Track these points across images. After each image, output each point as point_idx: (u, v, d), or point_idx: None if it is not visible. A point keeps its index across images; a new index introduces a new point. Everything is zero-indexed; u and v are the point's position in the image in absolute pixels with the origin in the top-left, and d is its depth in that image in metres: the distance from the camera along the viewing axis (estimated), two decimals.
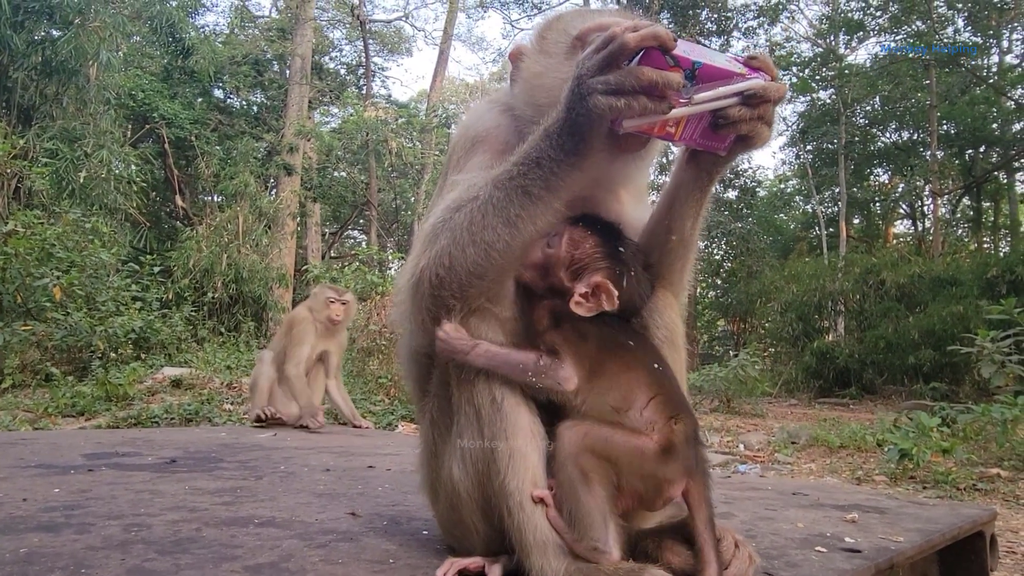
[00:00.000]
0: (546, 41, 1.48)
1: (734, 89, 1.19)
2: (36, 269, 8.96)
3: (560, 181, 1.20)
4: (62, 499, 2.01)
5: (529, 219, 1.23)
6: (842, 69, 21.90)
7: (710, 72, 1.16)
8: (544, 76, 1.42)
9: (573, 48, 1.41)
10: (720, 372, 11.14)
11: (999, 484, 4.98)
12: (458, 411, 1.34)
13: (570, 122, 1.16)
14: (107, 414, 7.00)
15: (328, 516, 1.87)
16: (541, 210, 1.23)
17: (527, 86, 1.47)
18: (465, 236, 1.25)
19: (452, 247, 1.26)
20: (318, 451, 3.35)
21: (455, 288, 1.28)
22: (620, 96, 1.10)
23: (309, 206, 19.67)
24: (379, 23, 28.17)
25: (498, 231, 1.23)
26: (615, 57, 1.11)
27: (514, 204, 1.22)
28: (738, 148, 1.30)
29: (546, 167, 1.19)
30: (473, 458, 1.32)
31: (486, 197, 1.25)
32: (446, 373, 1.37)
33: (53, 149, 11.90)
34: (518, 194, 1.22)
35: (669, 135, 1.20)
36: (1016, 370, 7.10)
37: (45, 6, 12.13)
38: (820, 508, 2.10)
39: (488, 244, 1.24)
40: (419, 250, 1.34)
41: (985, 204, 24.81)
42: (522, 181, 1.22)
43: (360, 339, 9.72)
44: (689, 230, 1.44)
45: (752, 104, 1.21)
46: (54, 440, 3.63)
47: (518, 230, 1.24)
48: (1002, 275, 13.62)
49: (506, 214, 1.23)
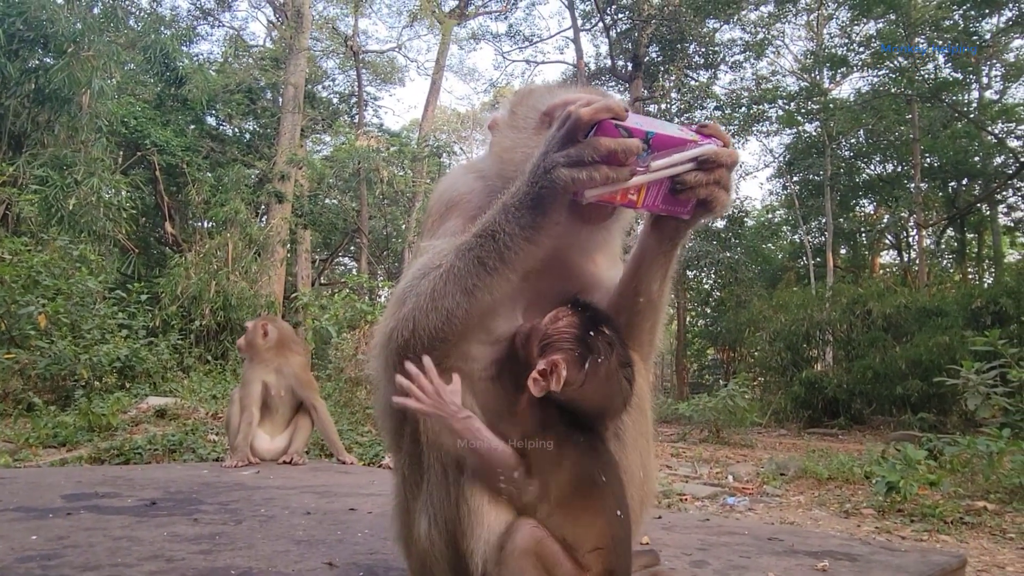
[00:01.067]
0: (516, 116, 1.54)
1: (688, 155, 1.24)
2: (21, 296, 8.89)
3: (513, 255, 1.24)
4: (39, 547, 1.99)
5: (486, 289, 1.27)
6: (827, 103, 22.34)
7: (663, 140, 1.22)
8: (513, 150, 1.47)
9: (541, 123, 1.46)
10: (710, 402, 11.14)
11: (985, 517, 4.99)
12: (428, 469, 1.35)
13: (532, 195, 1.21)
14: (89, 445, 6.89)
15: (305, 566, 1.86)
16: (497, 281, 1.27)
17: (497, 159, 1.52)
18: (427, 303, 1.30)
19: (416, 312, 1.31)
20: (300, 491, 3.32)
21: (419, 350, 1.31)
22: (582, 168, 1.15)
23: (300, 233, 19.70)
24: (372, 53, 28.56)
25: (457, 299, 1.28)
26: (573, 132, 1.17)
27: (472, 275, 1.27)
28: (699, 213, 1.34)
29: (500, 240, 1.24)
30: (443, 517, 1.33)
31: (448, 266, 1.30)
32: (416, 432, 1.38)
33: (43, 176, 11.88)
34: (475, 265, 1.26)
35: (631, 203, 1.25)
36: (1001, 402, 7.15)
37: (40, 35, 12.21)
38: (793, 555, 2.11)
39: (448, 311, 1.28)
40: (389, 312, 1.40)
41: (969, 235, 25.18)
42: (479, 252, 1.26)
43: (348, 369, 9.67)
44: (656, 292, 1.47)
45: (707, 169, 1.26)
46: (34, 479, 3.58)
47: (476, 299, 1.28)
48: (986, 306, 13.78)
49: (464, 283, 1.27)
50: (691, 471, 7.44)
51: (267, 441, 4.90)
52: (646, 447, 1.43)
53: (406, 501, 1.47)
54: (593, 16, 25.92)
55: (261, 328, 4.90)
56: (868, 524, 4.86)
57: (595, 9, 24.93)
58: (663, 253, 1.44)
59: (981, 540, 4.33)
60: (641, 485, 1.42)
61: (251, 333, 4.89)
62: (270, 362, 4.90)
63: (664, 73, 25.41)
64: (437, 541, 1.34)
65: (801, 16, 24.80)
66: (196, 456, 6.20)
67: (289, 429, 5.01)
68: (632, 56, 24.63)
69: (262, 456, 4.83)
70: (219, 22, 24.86)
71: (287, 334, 5.10)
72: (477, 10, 27.81)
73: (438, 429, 1.33)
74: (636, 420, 1.39)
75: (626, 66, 25.02)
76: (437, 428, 1.33)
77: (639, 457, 1.40)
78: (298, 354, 5.07)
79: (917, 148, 21.46)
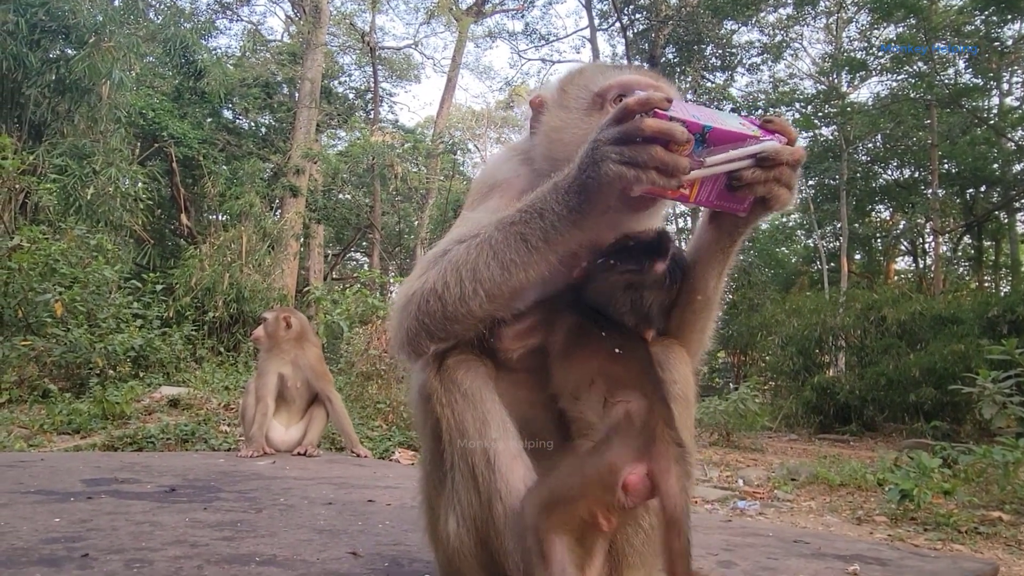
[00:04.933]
0: (567, 95, 1.50)
1: (746, 152, 1.20)
2: (39, 284, 8.97)
3: (559, 235, 1.21)
4: (63, 530, 2.00)
5: (522, 266, 1.23)
6: (844, 107, 22.16)
7: (721, 135, 1.17)
8: (563, 131, 1.44)
9: (593, 104, 1.44)
10: (720, 405, 11.07)
11: (1000, 528, 4.92)
12: (452, 468, 1.32)
13: (580, 182, 1.18)
14: (103, 432, 6.95)
15: (329, 555, 1.86)
16: (535, 260, 1.23)
17: (546, 139, 1.49)
18: (461, 270, 1.26)
19: (446, 275, 1.27)
20: (317, 482, 3.33)
21: (438, 318, 1.28)
22: (632, 168, 1.12)
23: (313, 227, 19.76)
24: (389, 50, 28.60)
25: (492, 271, 1.24)
26: (630, 133, 1.13)
27: (510, 248, 1.23)
28: (758, 210, 1.31)
29: (548, 220, 1.21)
30: (472, 516, 1.30)
31: (486, 236, 1.26)
32: (438, 427, 1.35)
33: (62, 165, 11.99)
34: (516, 240, 1.23)
35: (683, 196, 1.22)
36: (1017, 412, 7.06)
37: (61, 25, 12.32)
38: (822, 558, 2.08)
39: (479, 282, 1.24)
40: (416, 274, 1.36)
41: (986, 243, 24.90)
42: (522, 228, 1.23)
43: (359, 363, 9.68)
44: (713, 288, 1.44)
45: (766, 166, 1.22)
46: (52, 464, 3.60)
47: (510, 274, 1.24)
48: (1003, 315, 13.60)
49: (501, 257, 1.23)
50: (701, 474, 7.40)
51: (282, 432, 4.92)
52: (689, 442, 1.40)
53: (430, 498, 1.45)
54: (610, 16, 25.84)
55: (284, 319, 4.92)
56: (880, 531, 4.81)
57: (612, 9, 24.85)
58: (721, 250, 1.41)
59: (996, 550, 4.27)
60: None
61: (273, 324, 4.90)
62: (287, 353, 4.91)
63: (681, 74, 25.28)
64: (466, 540, 1.31)
65: (820, 19, 24.59)
66: (208, 446, 6.24)
67: (304, 420, 5.03)
68: (649, 57, 24.53)
69: (276, 447, 4.85)
70: (238, 16, 24.96)
71: (306, 326, 5.14)
72: (494, 8, 27.78)
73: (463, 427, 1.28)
74: (683, 416, 1.37)
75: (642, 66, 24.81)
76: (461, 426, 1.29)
77: None
78: (315, 346, 5.10)
79: (935, 154, 21.24)
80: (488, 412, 1.29)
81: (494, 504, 1.25)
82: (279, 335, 4.88)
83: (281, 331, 4.88)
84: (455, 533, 1.33)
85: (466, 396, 1.30)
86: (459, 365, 1.32)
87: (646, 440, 1.15)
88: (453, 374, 1.31)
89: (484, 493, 1.26)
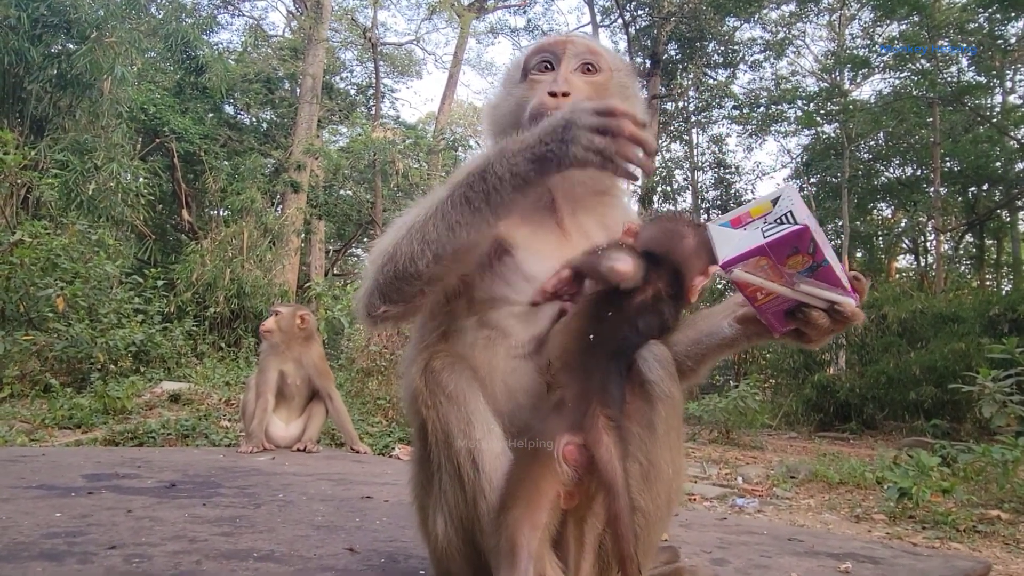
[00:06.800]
0: (506, 76, 1.65)
1: (830, 296, 1.24)
2: (40, 279, 8.99)
3: (500, 198, 1.25)
4: (64, 524, 2.02)
5: (466, 226, 1.27)
6: (847, 104, 22.10)
7: (827, 275, 1.22)
8: (499, 106, 1.57)
9: (521, 73, 1.56)
10: (720, 403, 11.07)
11: (999, 527, 4.93)
12: (439, 468, 1.34)
13: (537, 153, 1.22)
14: (104, 427, 6.98)
15: (326, 551, 1.88)
16: (477, 220, 1.27)
17: (490, 119, 1.61)
18: (412, 232, 1.31)
19: (400, 238, 1.32)
20: (316, 478, 3.35)
21: (390, 278, 1.32)
22: (599, 156, 1.18)
23: (314, 223, 19.76)
24: (390, 46, 28.56)
25: (439, 231, 1.28)
26: (610, 128, 1.18)
27: (456, 210, 1.27)
28: (791, 337, 1.36)
29: (490, 182, 1.24)
30: (458, 515, 1.31)
31: (437, 199, 1.31)
32: (424, 429, 1.37)
33: (64, 160, 12.00)
34: (461, 201, 1.27)
35: (755, 298, 1.26)
36: (1017, 410, 7.05)
37: (63, 20, 12.32)
38: (815, 556, 2.10)
39: (427, 242, 1.29)
40: (379, 240, 1.43)
41: (988, 242, 24.86)
42: (466, 191, 1.27)
43: (360, 359, 9.70)
44: (707, 366, 1.53)
45: (834, 318, 1.27)
46: (54, 459, 3.63)
47: (454, 234, 1.28)
48: (1004, 313, 13.60)
49: (448, 218, 1.28)
50: (700, 471, 7.41)
51: (282, 428, 4.94)
52: (677, 443, 1.41)
53: (419, 497, 1.48)
54: (612, 12, 25.77)
55: (300, 316, 4.95)
56: (879, 529, 4.82)
57: (614, 5, 24.78)
58: (731, 345, 1.49)
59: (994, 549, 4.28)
60: (669, 481, 1.39)
61: (288, 319, 4.92)
62: (292, 350, 4.93)
63: (683, 71, 25.23)
64: (454, 539, 1.33)
65: (823, 16, 24.52)
66: (209, 441, 6.25)
67: (303, 417, 5.05)
68: (651, 53, 24.47)
69: (276, 443, 4.87)
70: (239, 11, 24.93)
71: (314, 324, 5.19)
72: (496, 4, 27.72)
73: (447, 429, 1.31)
74: (669, 414, 1.37)
75: (644, 63, 24.86)
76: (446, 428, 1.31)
77: (669, 453, 1.38)
78: (318, 344, 5.14)
79: (937, 152, 21.19)
80: (472, 413, 1.31)
81: (479, 503, 1.27)
82: (292, 331, 4.91)
83: (295, 328, 4.91)
84: (443, 531, 1.35)
85: (450, 398, 1.31)
86: (444, 367, 1.34)
87: (579, 415, 1.24)
88: (438, 376, 1.33)
89: (469, 492, 1.28)
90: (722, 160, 27.52)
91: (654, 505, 1.36)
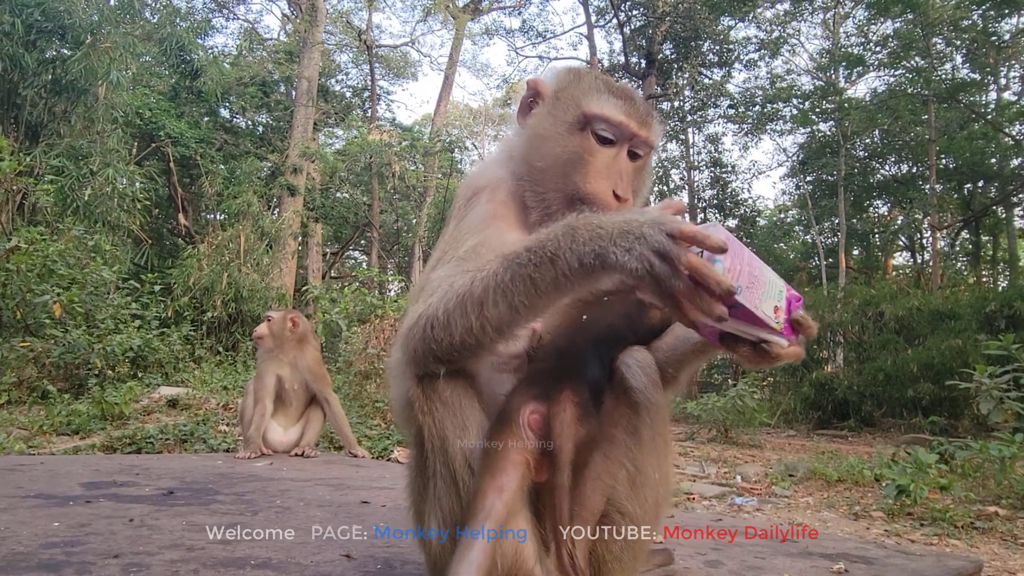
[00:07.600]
0: (558, 103, 1.53)
1: (758, 333, 1.23)
2: (37, 285, 8.98)
3: (570, 284, 1.17)
4: (62, 534, 2.02)
5: (531, 308, 1.22)
6: (842, 102, 22.15)
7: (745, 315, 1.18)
8: (546, 141, 1.48)
9: (578, 123, 1.46)
10: (719, 402, 11.10)
11: (997, 523, 4.95)
12: (435, 474, 1.34)
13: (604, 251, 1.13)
14: (102, 433, 6.98)
15: (323, 558, 1.89)
16: (544, 303, 1.22)
17: (528, 143, 1.53)
18: (467, 303, 1.24)
19: (451, 307, 1.26)
20: (314, 484, 3.36)
21: (445, 346, 1.27)
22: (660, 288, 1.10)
23: (311, 226, 19.77)
24: (386, 48, 28.56)
25: (500, 309, 1.22)
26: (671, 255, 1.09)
27: (519, 291, 1.19)
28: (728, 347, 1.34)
29: (560, 268, 1.16)
30: (453, 521, 1.31)
31: (491, 273, 1.23)
32: (420, 435, 1.36)
33: (59, 166, 11.99)
34: (525, 283, 1.19)
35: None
36: (1014, 407, 7.08)
37: (57, 26, 12.30)
38: (808, 557, 2.11)
39: (486, 319, 1.23)
40: (423, 299, 1.36)
41: (984, 238, 24.92)
42: (532, 271, 1.18)
43: (358, 362, 9.71)
44: (686, 373, 1.53)
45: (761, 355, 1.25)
46: (52, 467, 3.63)
47: (519, 315, 1.22)
48: (1000, 310, 13.64)
49: (510, 299, 1.20)
50: (699, 470, 7.43)
51: (280, 433, 4.93)
52: (664, 448, 1.42)
53: (415, 503, 1.48)
54: (607, 12, 25.81)
55: (291, 320, 4.92)
56: (877, 527, 4.84)
57: (609, 5, 24.82)
58: (705, 350, 1.49)
59: (992, 545, 4.30)
60: (656, 487, 1.41)
61: (279, 324, 4.89)
62: (287, 355, 4.91)
63: (678, 70, 25.26)
64: (448, 544, 1.32)
65: (817, 14, 24.56)
66: (207, 446, 6.25)
67: (301, 422, 5.04)
68: (646, 53, 24.51)
69: (274, 448, 4.86)
70: (234, 15, 24.91)
71: (307, 327, 5.15)
72: (491, 5, 27.75)
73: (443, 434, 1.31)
74: (654, 420, 1.38)
75: (640, 63, 24.91)
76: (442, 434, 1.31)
77: (656, 458, 1.39)
78: (314, 347, 5.11)
79: (933, 149, 21.24)
80: (468, 419, 1.31)
81: None
82: (284, 335, 4.88)
83: (287, 331, 4.89)
84: (439, 540, 1.35)
85: (446, 404, 1.31)
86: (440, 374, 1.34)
87: (549, 388, 1.32)
88: (434, 382, 1.32)
89: (464, 498, 1.29)
90: (718, 159, 27.58)
91: (642, 510, 1.37)
